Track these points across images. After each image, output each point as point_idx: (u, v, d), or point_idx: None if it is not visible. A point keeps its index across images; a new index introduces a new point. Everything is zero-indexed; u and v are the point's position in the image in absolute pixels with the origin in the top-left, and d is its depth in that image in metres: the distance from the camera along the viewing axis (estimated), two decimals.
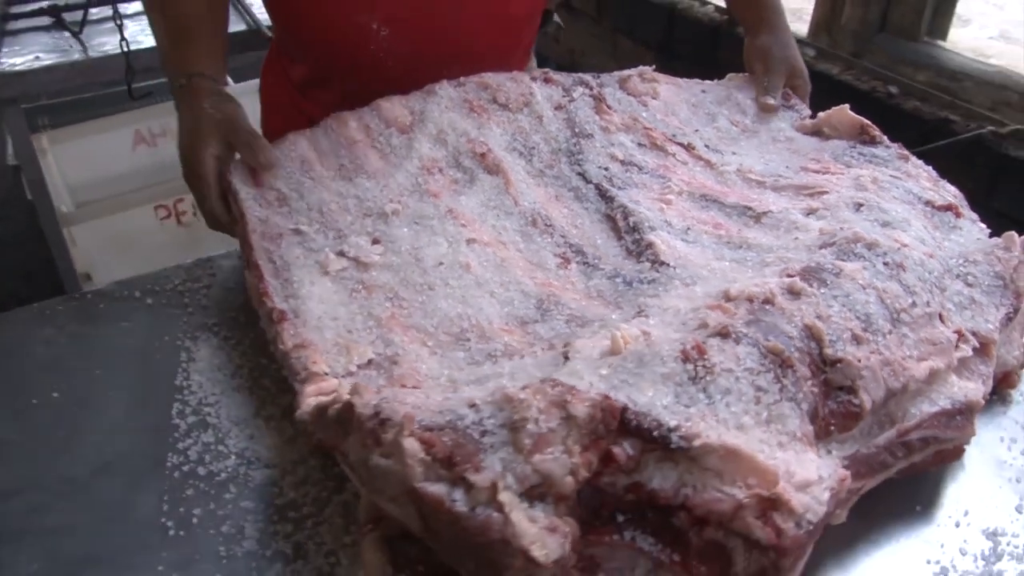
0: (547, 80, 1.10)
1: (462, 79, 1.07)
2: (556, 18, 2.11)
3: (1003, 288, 0.82)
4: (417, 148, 0.99)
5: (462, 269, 0.87)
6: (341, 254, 0.89)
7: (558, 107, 1.07)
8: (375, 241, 0.90)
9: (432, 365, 0.77)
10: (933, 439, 0.73)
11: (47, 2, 1.98)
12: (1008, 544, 0.71)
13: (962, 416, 0.74)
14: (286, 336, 0.80)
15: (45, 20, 1.93)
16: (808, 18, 3.05)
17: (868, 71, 2.26)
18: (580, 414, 0.59)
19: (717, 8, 3.05)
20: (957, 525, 0.73)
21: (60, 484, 0.78)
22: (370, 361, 0.79)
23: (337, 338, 0.81)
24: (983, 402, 0.75)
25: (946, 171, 1.04)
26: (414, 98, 1.05)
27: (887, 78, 2.21)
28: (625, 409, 0.61)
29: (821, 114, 1.11)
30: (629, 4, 2.90)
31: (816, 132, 1.10)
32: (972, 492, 0.77)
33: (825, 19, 2.83)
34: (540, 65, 1.35)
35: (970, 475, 0.78)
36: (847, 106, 1.09)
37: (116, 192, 2.23)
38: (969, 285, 0.82)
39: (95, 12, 1.93)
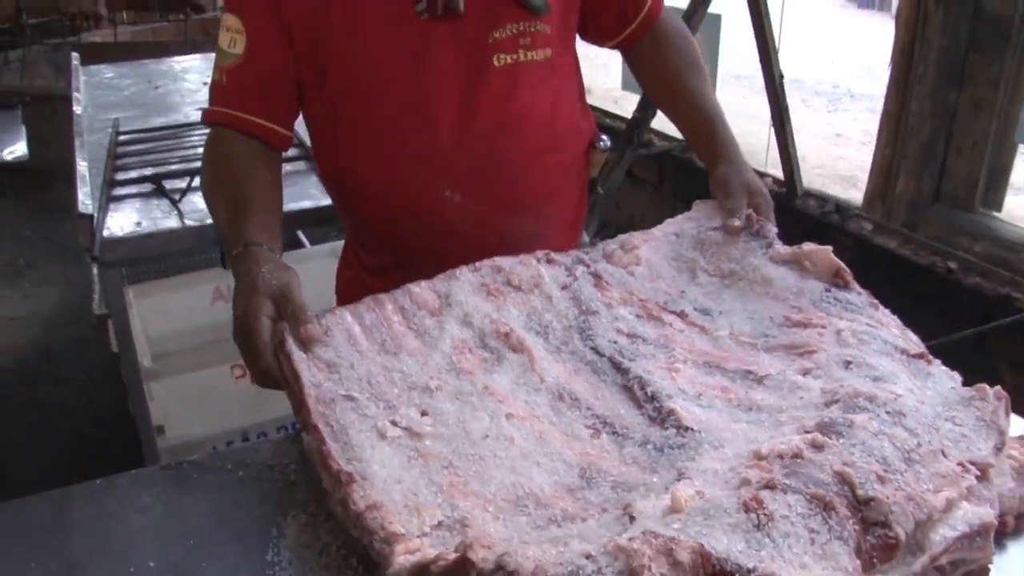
0: (550, 261, 1.19)
1: (477, 264, 1.16)
2: (600, 189, 2.26)
3: (987, 427, 0.92)
4: (448, 330, 1.07)
5: (507, 441, 0.93)
6: (394, 423, 0.95)
7: (564, 287, 1.16)
8: (424, 413, 0.97)
9: (499, 529, 0.83)
10: (961, 561, 0.82)
11: (150, 170, 2.18)
12: None
13: (981, 537, 0.82)
14: (356, 497, 0.85)
15: (147, 187, 2.11)
16: (863, 187, 3.16)
17: (925, 245, 2.32)
18: (685, 560, 0.70)
19: (776, 180, 3.19)
20: None
21: None
22: (440, 523, 0.84)
23: (405, 500, 0.86)
24: (995, 523, 0.84)
25: (1011, 349, 1.09)
26: (439, 282, 1.13)
27: (945, 253, 2.26)
28: (712, 554, 0.70)
29: (805, 246, 1.18)
30: (690, 173, 3.03)
31: (793, 261, 1.19)
32: None
33: (879, 189, 2.92)
34: (600, 230, 1.45)
35: None
36: (830, 248, 1.17)
37: (192, 344, 2.35)
38: (957, 425, 0.91)
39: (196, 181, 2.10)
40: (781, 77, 3.08)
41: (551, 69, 1.31)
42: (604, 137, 1.44)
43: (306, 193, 1.99)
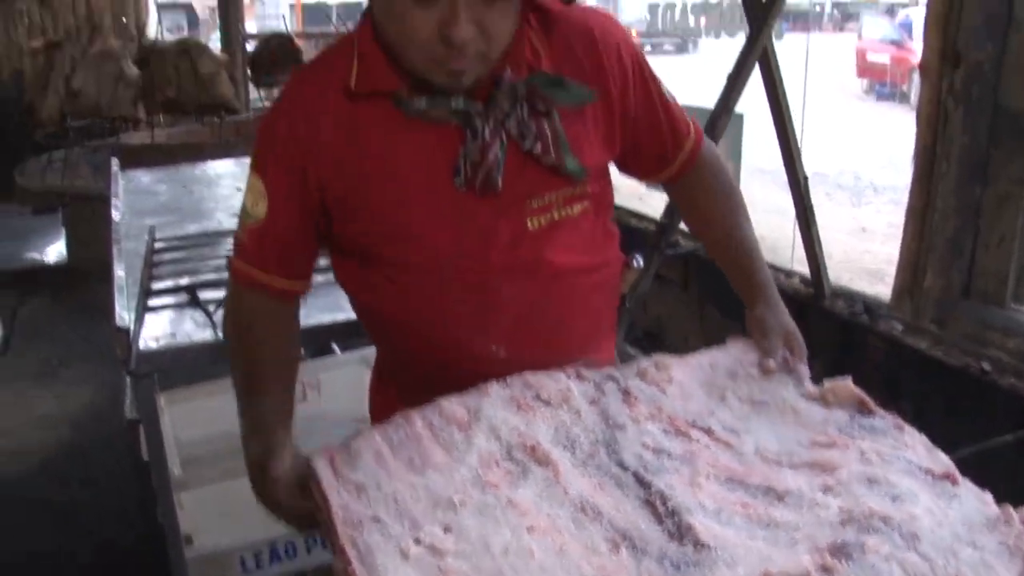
0: (579, 377, 1.23)
1: (508, 379, 1.19)
2: (627, 304, 2.28)
3: (1010, 553, 0.92)
4: (476, 444, 1.11)
5: (527, 555, 0.96)
6: (417, 541, 0.98)
7: (592, 402, 1.19)
8: (446, 529, 1.00)
9: None
10: None
11: (185, 279, 2.23)
12: None
13: None
14: None
15: (183, 297, 2.15)
16: (890, 281, 3.15)
17: (957, 345, 2.30)
18: None
19: (803, 279, 3.20)
20: None
21: None
22: None
23: None
24: None
25: None
26: (470, 397, 1.17)
27: (978, 353, 2.24)
28: None
29: (826, 384, 1.24)
30: (716, 274, 3.05)
31: (821, 398, 1.23)
32: None
33: (907, 285, 2.91)
34: (627, 334, 1.47)
35: None
36: (849, 379, 1.22)
37: (222, 451, 2.36)
38: (978, 549, 0.92)
39: None
40: (806, 179, 3.12)
41: (586, 216, 1.33)
42: (638, 256, 1.46)
43: (338, 305, 2.01)
